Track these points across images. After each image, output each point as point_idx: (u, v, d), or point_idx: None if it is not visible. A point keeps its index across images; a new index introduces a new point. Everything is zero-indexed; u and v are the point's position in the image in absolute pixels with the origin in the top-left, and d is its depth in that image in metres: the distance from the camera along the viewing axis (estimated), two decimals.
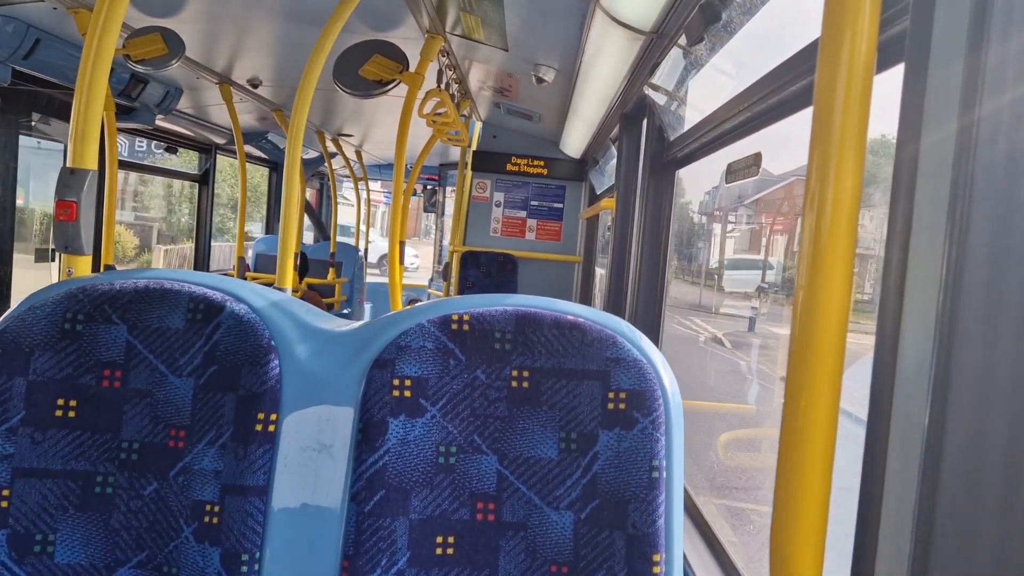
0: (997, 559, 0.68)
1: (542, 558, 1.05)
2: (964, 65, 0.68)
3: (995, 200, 0.67)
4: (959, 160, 0.68)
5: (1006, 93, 0.67)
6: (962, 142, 0.68)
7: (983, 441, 0.68)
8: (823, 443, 0.75)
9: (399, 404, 1.06)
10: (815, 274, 0.74)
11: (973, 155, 0.67)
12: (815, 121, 0.75)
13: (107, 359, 1.09)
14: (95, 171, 1.64)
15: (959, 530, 0.69)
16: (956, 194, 0.68)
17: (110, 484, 1.08)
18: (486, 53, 3.32)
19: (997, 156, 0.67)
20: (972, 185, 0.67)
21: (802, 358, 0.75)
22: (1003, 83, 0.67)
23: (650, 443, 1.04)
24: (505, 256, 5.57)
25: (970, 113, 0.68)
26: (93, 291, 1.10)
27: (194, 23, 3.21)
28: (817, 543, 0.76)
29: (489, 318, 1.08)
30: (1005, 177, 0.67)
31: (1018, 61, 0.66)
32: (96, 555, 1.06)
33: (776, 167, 4.25)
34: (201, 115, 5.28)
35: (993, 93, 0.67)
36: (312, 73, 2.40)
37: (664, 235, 2.59)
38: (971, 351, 0.68)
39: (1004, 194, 0.67)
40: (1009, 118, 0.67)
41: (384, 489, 1.05)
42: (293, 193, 2.50)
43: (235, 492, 1.06)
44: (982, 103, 0.67)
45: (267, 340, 1.09)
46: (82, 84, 1.63)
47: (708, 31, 1.71)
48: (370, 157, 8.19)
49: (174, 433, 1.08)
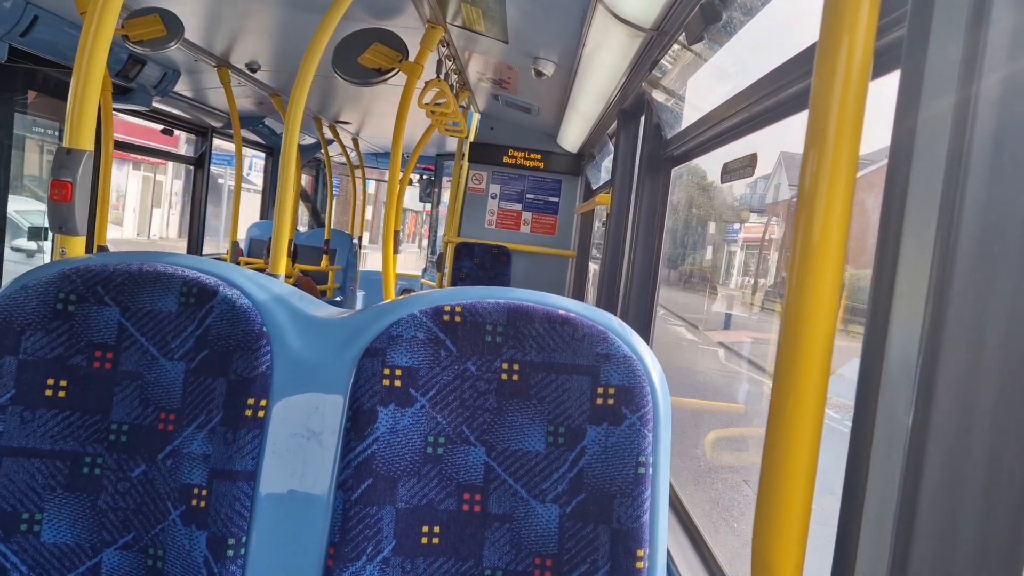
0: (976, 562, 0.69)
1: (526, 550, 1.06)
2: (959, 74, 0.69)
3: (985, 207, 0.68)
4: (951, 168, 0.69)
5: (1000, 104, 0.67)
6: (955, 149, 0.69)
7: (965, 445, 0.69)
8: (808, 444, 0.75)
9: (389, 393, 1.07)
10: (805, 277, 0.75)
11: (966, 164, 0.68)
12: (810, 125, 0.75)
13: (99, 340, 1.09)
14: (91, 152, 1.63)
15: (939, 532, 0.70)
16: (947, 199, 0.69)
17: (98, 465, 1.08)
18: (486, 45, 3.32)
19: (989, 165, 0.68)
20: (963, 192, 0.68)
21: (790, 360, 0.76)
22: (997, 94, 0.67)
23: (638, 439, 1.05)
24: (499, 248, 5.56)
25: (964, 122, 0.68)
26: (86, 272, 1.10)
27: (194, 5, 3.19)
28: (799, 542, 0.77)
29: (481, 310, 1.09)
30: (996, 185, 0.68)
31: (1013, 71, 0.67)
32: (82, 535, 1.07)
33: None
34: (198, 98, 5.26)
35: (987, 103, 0.68)
36: (312, 59, 2.39)
37: (658, 233, 2.60)
38: (956, 355, 0.69)
39: (994, 202, 0.68)
40: (1002, 128, 0.67)
41: (372, 478, 1.05)
42: (289, 179, 2.49)
43: (223, 476, 1.06)
44: (976, 112, 0.68)
45: (259, 326, 1.09)
46: (80, 63, 1.62)
47: (708, 30, 1.72)
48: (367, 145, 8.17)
49: (164, 416, 1.08)
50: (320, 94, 5.20)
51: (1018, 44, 0.67)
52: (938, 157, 0.70)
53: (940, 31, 0.72)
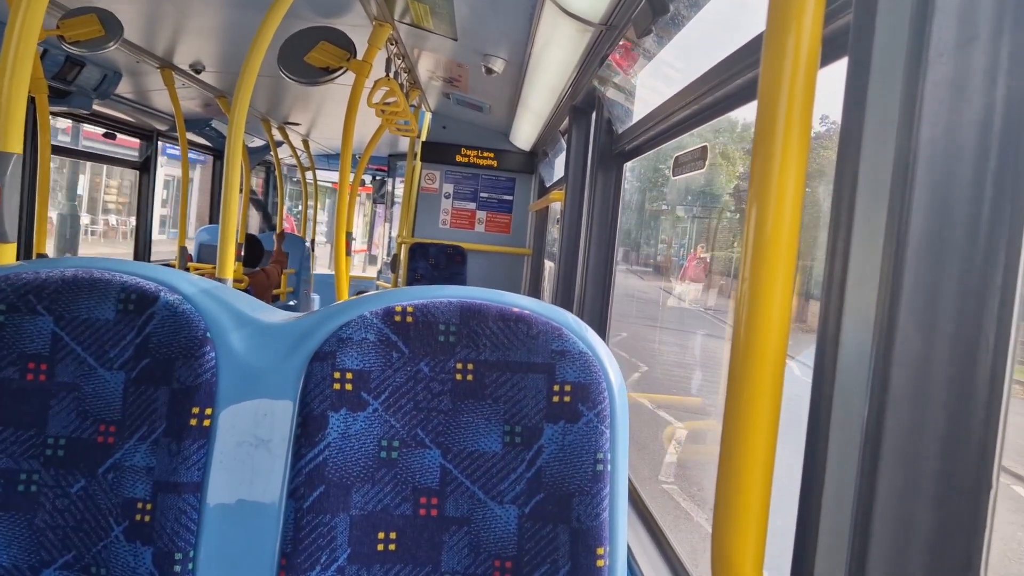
0: (933, 552, 0.69)
1: (485, 553, 1.04)
2: (905, 59, 0.69)
3: (934, 194, 0.68)
4: (900, 155, 0.69)
5: (948, 87, 0.67)
6: (903, 135, 0.69)
7: (921, 433, 0.69)
8: (765, 438, 0.75)
9: (340, 397, 1.04)
10: (758, 267, 0.74)
11: (914, 150, 0.68)
12: (759, 114, 0.74)
13: (31, 351, 1.04)
14: (19, 155, 1.56)
15: (897, 522, 0.70)
16: (896, 186, 0.69)
17: (34, 482, 1.03)
18: (435, 42, 3.29)
19: (937, 149, 0.68)
20: (913, 179, 0.68)
21: (744, 353, 0.75)
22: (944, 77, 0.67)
23: (595, 436, 1.04)
24: (454, 248, 5.54)
25: (911, 106, 0.68)
26: (16, 280, 1.05)
27: (133, 4, 3.10)
28: (758, 537, 0.76)
29: (433, 310, 1.06)
30: (945, 170, 0.68)
31: (959, 55, 0.67)
32: (19, 556, 1.02)
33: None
34: (142, 100, 5.13)
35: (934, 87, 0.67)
36: (255, 58, 2.34)
37: (612, 228, 2.60)
38: (910, 343, 0.69)
39: (943, 186, 0.68)
40: (949, 111, 0.67)
41: (324, 485, 1.02)
42: (234, 181, 2.43)
43: (168, 489, 1.02)
44: (923, 97, 0.68)
45: (202, 331, 1.05)
46: (5, 63, 1.55)
47: (656, 23, 1.72)
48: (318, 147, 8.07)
49: (103, 428, 1.04)
50: (268, 95, 5.11)
51: (965, 29, 0.67)
52: (887, 144, 0.70)
53: (886, 17, 0.71)
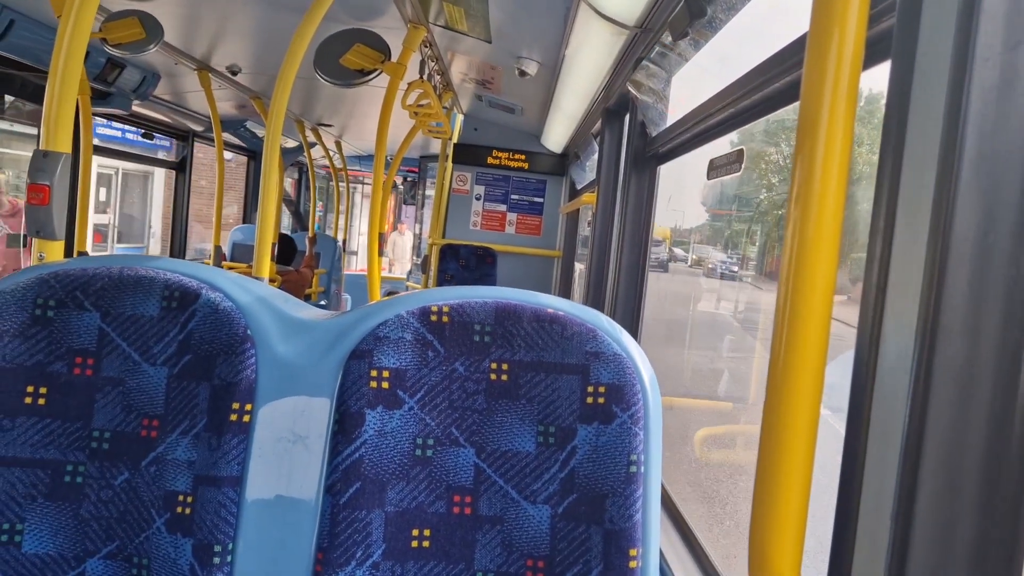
0: (973, 560, 0.68)
1: (518, 552, 1.05)
2: (951, 62, 0.68)
3: (979, 196, 0.67)
4: (944, 158, 0.68)
5: (992, 90, 0.67)
6: (947, 139, 0.68)
7: (963, 439, 0.68)
8: (804, 441, 0.74)
9: (376, 395, 1.05)
10: (799, 270, 0.74)
11: (959, 152, 0.67)
12: (801, 117, 0.74)
13: (79, 346, 1.06)
14: (68, 155, 1.60)
15: (937, 528, 0.69)
16: (940, 190, 0.68)
17: (80, 473, 1.05)
18: (469, 45, 3.30)
19: (982, 153, 0.67)
20: (957, 183, 0.67)
21: (784, 356, 0.75)
22: (989, 80, 0.67)
23: (628, 438, 1.04)
24: (485, 249, 5.55)
25: (956, 110, 0.68)
26: (65, 277, 1.07)
27: (173, 7, 3.16)
28: (796, 541, 0.76)
29: (468, 310, 1.07)
30: (989, 174, 0.67)
31: (1005, 59, 0.66)
32: (65, 545, 1.04)
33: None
34: (179, 101, 5.21)
35: (979, 90, 0.67)
36: (292, 61, 2.37)
37: (645, 230, 2.59)
38: (952, 348, 0.68)
39: (988, 191, 0.67)
40: (995, 115, 0.67)
41: (360, 481, 1.04)
42: (272, 182, 2.46)
43: (208, 482, 1.04)
44: (968, 100, 0.67)
45: (243, 329, 1.07)
46: (56, 67, 1.60)
47: (693, 26, 1.71)
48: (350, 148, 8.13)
49: (147, 422, 1.06)
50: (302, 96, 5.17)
51: (1012, 32, 0.66)
52: (931, 147, 0.70)
53: (931, 20, 0.71)
